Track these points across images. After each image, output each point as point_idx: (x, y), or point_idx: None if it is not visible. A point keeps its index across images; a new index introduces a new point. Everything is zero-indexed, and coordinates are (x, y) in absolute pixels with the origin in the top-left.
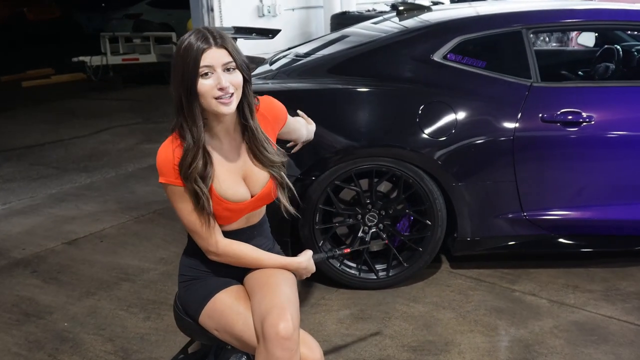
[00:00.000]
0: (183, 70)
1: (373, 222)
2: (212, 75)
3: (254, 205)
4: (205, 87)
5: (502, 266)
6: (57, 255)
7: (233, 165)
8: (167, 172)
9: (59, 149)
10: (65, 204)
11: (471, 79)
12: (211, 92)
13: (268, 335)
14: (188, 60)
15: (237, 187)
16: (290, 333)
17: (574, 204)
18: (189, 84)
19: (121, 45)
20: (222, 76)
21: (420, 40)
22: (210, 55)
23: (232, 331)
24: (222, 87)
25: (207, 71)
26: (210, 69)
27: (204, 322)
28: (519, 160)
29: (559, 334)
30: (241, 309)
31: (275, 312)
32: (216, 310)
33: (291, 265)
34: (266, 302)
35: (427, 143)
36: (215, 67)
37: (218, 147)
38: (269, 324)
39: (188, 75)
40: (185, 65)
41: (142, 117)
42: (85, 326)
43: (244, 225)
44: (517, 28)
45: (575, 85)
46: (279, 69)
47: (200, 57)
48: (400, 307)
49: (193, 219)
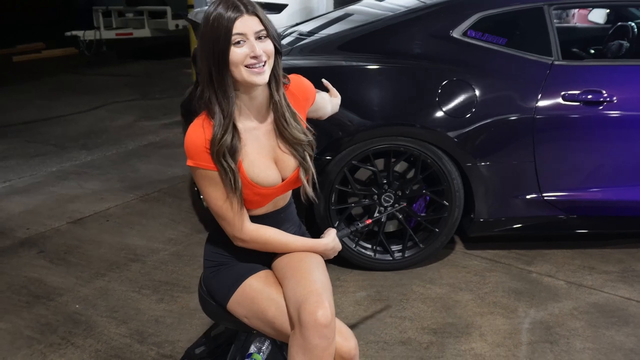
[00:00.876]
0: (214, 40)
1: (389, 203)
2: (244, 44)
3: (284, 189)
4: (238, 55)
5: (517, 247)
6: (62, 235)
7: (264, 148)
8: (196, 154)
9: (55, 126)
10: (67, 182)
11: (491, 56)
12: (244, 61)
13: (306, 322)
14: (219, 29)
15: (268, 171)
16: (329, 320)
17: (593, 185)
18: (220, 54)
19: (114, 20)
20: (255, 44)
21: (439, 16)
22: (242, 23)
23: (265, 317)
24: (255, 55)
25: (240, 39)
26: (243, 36)
27: (233, 309)
28: (538, 140)
29: (579, 316)
30: (273, 295)
31: (313, 298)
32: (246, 296)
33: (318, 248)
34: (301, 288)
35: (447, 122)
36: (248, 34)
37: (250, 128)
38: (307, 311)
39: (220, 44)
40: (216, 35)
41: (139, 93)
42: (97, 308)
43: (272, 210)
44: (539, 4)
45: (597, 64)
46: (291, 45)
47: (232, 24)
48: (417, 288)
49: (221, 203)
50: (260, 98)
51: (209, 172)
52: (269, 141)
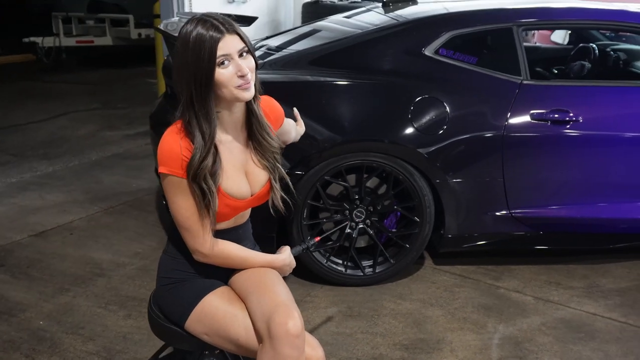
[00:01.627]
0: (196, 62)
1: (360, 218)
2: (229, 64)
3: (252, 203)
4: (225, 76)
5: (485, 262)
6: (24, 248)
7: (238, 161)
8: (171, 162)
9: (14, 135)
10: (29, 194)
11: (462, 74)
12: (232, 81)
13: (277, 334)
14: (202, 52)
15: (241, 183)
16: (300, 330)
17: (559, 202)
18: (204, 76)
19: (74, 27)
20: (240, 63)
21: (411, 34)
22: (225, 44)
23: (227, 334)
24: (243, 75)
25: (224, 60)
26: (227, 57)
27: (191, 327)
28: (507, 157)
29: (547, 331)
30: (235, 311)
31: (282, 310)
32: (207, 313)
33: (276, 263)
34: (267, 301)
35: (418, 138)
36: (232, 54)
37: (225, 141)
38: (277, 323)
39: (203, 66)
40: (198, 57)
41: (100, 102)
42: (62, 325)
43: (232, 225)
44: (508, 25)
45: (564, 84)
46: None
47: (216, 46)
48: (387, 304)
49: (188, 214)
50: (239, 113)
51: (181, 181)
52: (242, 154)
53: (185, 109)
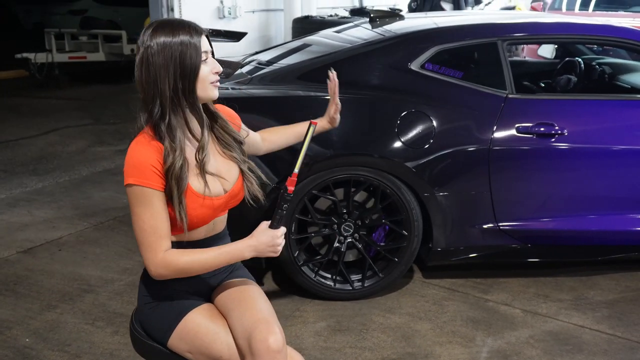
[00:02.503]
0: (182, 57)
1: (349, 232)
2: (206, 61)
3: (227, 204)
4: (205, 71)
5: (474, 275)
6: (12, 265)
7: (206, 162)
8: (136, 172)
9: (4, 150)
10: (17, 210)
11: (448, 89)
12: (209, 77)
13: (258, 350)
14: (188, 47)
15: (212, 182)
16: (281, 346)
17: (545, 215)
18: (192, 69)
19: (67, 43)
20: (213, 61)
21: (398, 48)
22: (205, 42)
23: (209, 352)
24: (218, 71)
25: (205, 57)
26: (206, 54)
27: (174, 345)
28: (494, 170)
29: (535, 344)
30: (217, 328)
31: (263, 326)
32: (189, 331)
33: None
34: (247, 317)
35: (405, 152)
36: (208, 52)
37: (189, 143)
38: (258, 339)
39: (191, 60)
40: (185, 52)
41: (92, 118)
42: (48, 342)
43: (210, 234)
44: (493, 39)
45: (549, 98)
46: (251, 73)
47: (200, 42)
48: (376, 318)
49: (146, 226)
50: (201, 113)
51: (147, 191)
52: (210, 155)
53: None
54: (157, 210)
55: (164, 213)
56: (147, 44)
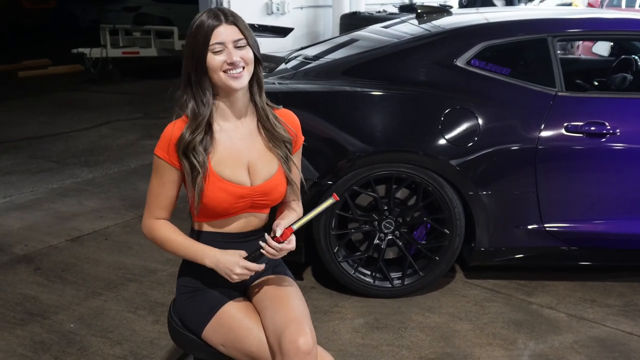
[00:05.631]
0: (194, 46)
1: (389, 229)
2: (223, 52)
3: (253, 198)
4: (215, 61)
5: (518, 277)
6: (60, 252)
7: (238, 150)
8: (160, 144)
9: (58, 142)
10: (67, 200)
11: (495, 86)
12: (221, 67)
13: (287, 351)
14: (199, 37)
15: (236, 169)
16: (311, 347)
17: (595, 217)
18: (198, 60)
19: (121, 38)
20: (232, 51)
21: (443, 44)
22: (221, 32)
23: (242, 347)
24: (232, 62)
25: (219, 48)
26: (222, 45)
27: (208, 337)
28: (541, 170)
29: (580, 350)
30: (251, 323)
31: (293, 326)
32: (223, 324)
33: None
34: (280, 316)
35: (449, 150)
36: (227, 43)
37: (226, 129)
38: (288, 340)
39: (199, 50)
40: (196, 42)
41: (142, 112)
42: (92, 328)
43: (244, 230)
44: (543, 35)
45: (600, 96)
46: (296, 69)
47: (211, 33)
48: (415, 317)
49: (153, 190)
50: (241, 103)
51: (161, 162)
52: (245, 145)
53: (183, 89)
54: (165, 182)
55: (170, 187)
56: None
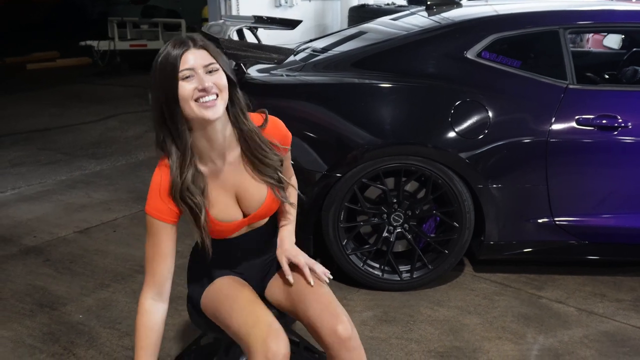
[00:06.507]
0: (162, 77)
1: (398, 222)
2: (193, 78)
3: (250, 222)
4: (186, 90)
5: (527, 271)
6: (69, 244)
7: (225, 185)
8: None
9: (66, 134)
10: (76, 191)
11: (505, 78)
12: (193, 95)
13: (330, 342)
14: (166, 67)
15: (227, 209)
16: (350, 332)
17: (606, 211)
18: (169, 90)
19: (129, 31)
20: (203, 77)
21: (453, 36)
22: (189, 57)
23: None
24: (203, 88)
25: (189, 74)
26: (191, 71)
27: (204, 308)
28: (551, 163)
29: (590, 344)
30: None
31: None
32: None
33: None
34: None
35: (459, 143)
36: (196, 68)
37: (210, 169)
38: (327, 332)
39: (167, 82)
40: (163, 72)
41: (150, 104)
42: (100, 319)
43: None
44: (554, 28)
45: (611, 89)
46: (305, 61)
47: (179, 59)
48: (424, 310)
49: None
50: (220, 136)
51: (153, 221)
52: (232, 178)
53: (158, 127)
54: (159, 242)
55: (164, 247)
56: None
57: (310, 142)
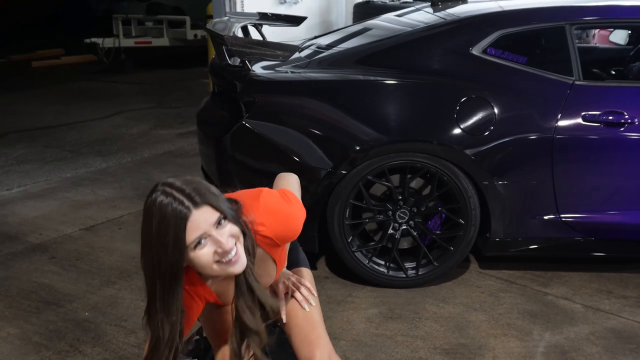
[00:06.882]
0: (160, 248)
1: (404, 219)
2: (206, 241)
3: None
4: (203, 257)
5: (533, 268)
6: (74, 241)
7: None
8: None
9: (72, 132)
10: (82, 189)
11: (511, 74)
12: (212, 259)
13: None
14: (167, 239)
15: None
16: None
17: (612, 208)
18: (170, 266)
19: (134, 28)
20: (218, 237)
21: (459, 33)
22: (196, 223)
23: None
24: (225, 251)
25: (200, 240)
26: (202, 235)
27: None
28: (557, 160)
29: (596, 341)
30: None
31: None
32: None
33: None
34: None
35: (464, 139)
36: (208, 231)
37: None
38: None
39: (168, 255)
40: (162, 244)
41: (155, 102)
42: (106, 316)
43: None
44: (560, 23)
45: (618, 85)
46: (310, 57)
47: (183, 231)
48: (430, 307)
49: None
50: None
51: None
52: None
53: (149, 306)
54: None
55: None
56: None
57: (315, 139)
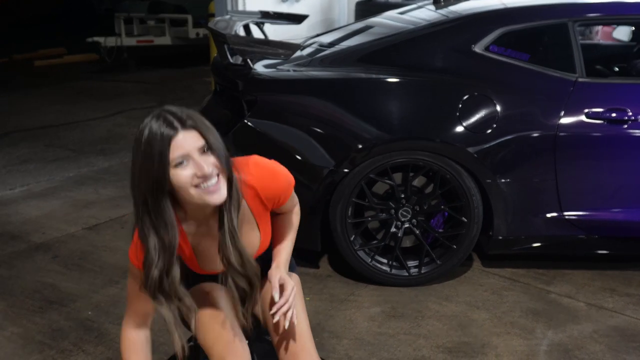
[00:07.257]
0: (148, 165)
1: (406, 218)
2: (188, 163)
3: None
4: (183, 177)
5: (536, 266)
6: (77, 240)
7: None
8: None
9: (74, 131)
10: (84, 188)
11: (514, 72)
12: (192, 181)
13: None
14: (153, 153)
15: (211, 264)
16: None
17: (615, 205)
18: (156, 181)
19: (135, 27)
20: (200, 161)
21: (461, 30)
22: (180, 142)
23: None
24: (204, 175)
25: (181, 160)
26: (184, 157)
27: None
28: (560, 158)
29: (599, 339)
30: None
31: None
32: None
33: None
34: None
35: (467, 137)
36: (190, 152)
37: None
38: None
39: (155, 170)
40: (149, 159)
41: (157, 101)
42: (109, 316)
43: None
44: (563, 20)
45: (622, 82)
46: (312, 56)
47: (167, 147)
48: (432, 305)
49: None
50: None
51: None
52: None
53: (138, 217)
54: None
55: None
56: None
57: (318, 137)
